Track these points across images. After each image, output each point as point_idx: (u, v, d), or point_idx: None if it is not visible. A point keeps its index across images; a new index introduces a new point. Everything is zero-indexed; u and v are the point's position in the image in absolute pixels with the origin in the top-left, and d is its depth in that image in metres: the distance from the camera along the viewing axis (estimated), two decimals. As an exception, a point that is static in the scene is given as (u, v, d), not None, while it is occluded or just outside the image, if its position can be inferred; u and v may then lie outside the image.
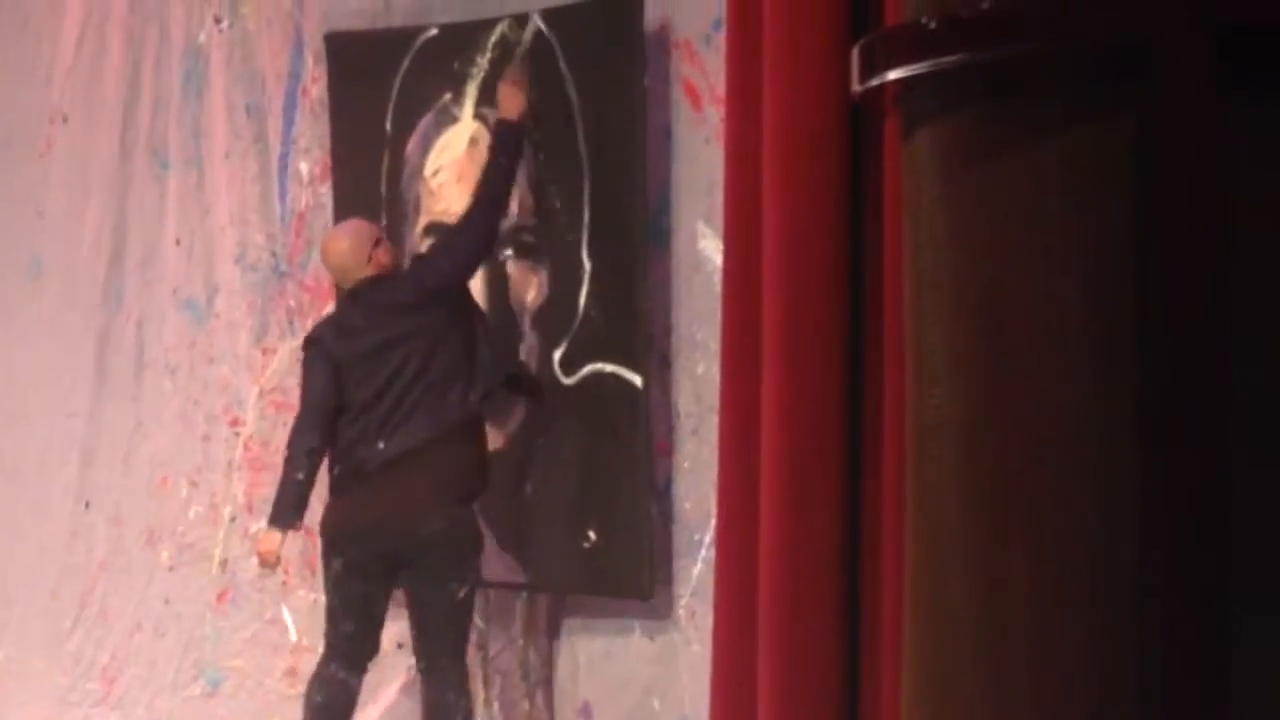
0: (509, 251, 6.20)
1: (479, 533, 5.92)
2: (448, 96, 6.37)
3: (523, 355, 6.19)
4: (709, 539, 5.65)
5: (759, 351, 3.30)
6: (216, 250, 7.29)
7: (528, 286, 6.19)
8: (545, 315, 6.15)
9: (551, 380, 6.09)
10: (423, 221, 6.46)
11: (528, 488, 6.17)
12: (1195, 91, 2.16)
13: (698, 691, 5.50)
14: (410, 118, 6.49)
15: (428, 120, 6.45)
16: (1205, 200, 2.17)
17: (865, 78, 2.52)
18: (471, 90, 6.31)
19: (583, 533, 5.99)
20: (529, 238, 6.13)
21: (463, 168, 6.33)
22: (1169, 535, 2.17)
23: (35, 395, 7.81)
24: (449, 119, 6.39)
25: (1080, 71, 2.25)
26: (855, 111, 3.10)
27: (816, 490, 3.17)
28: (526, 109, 5.97)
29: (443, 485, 5.82)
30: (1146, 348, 2.18)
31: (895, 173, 2.81)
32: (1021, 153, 2.27)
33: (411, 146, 6.49)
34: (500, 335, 6.13)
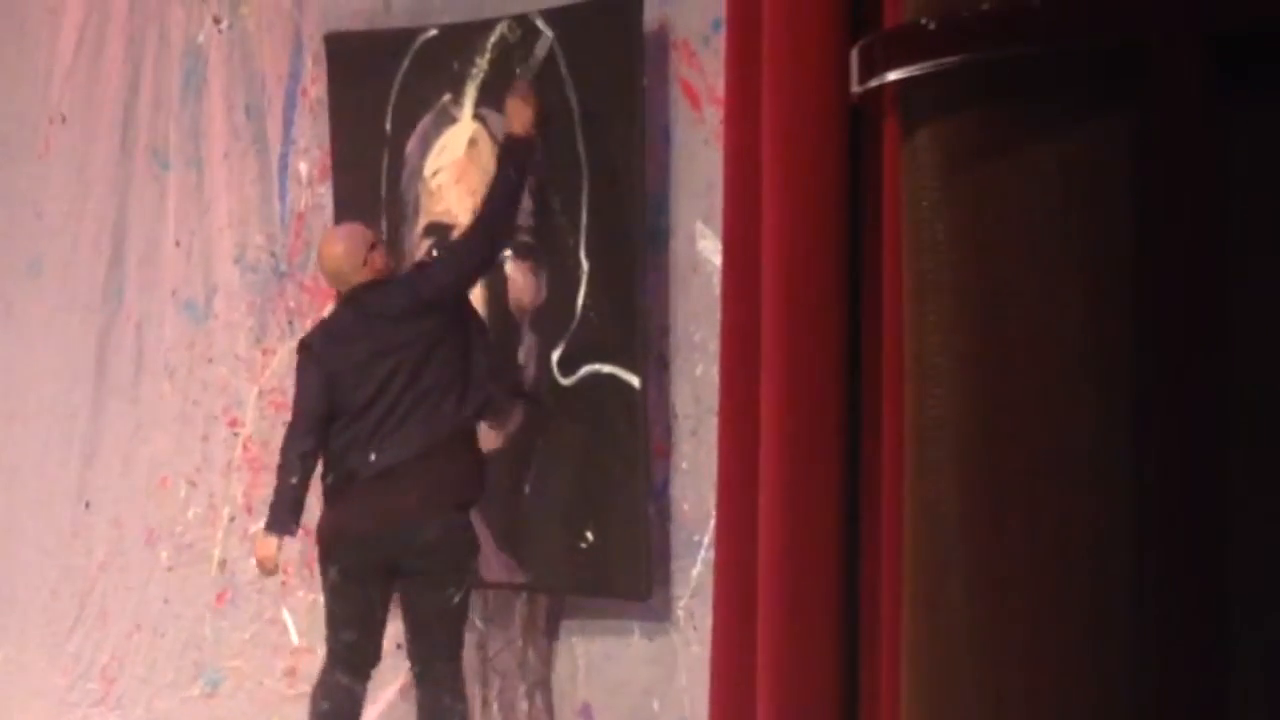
0: (507, 252, 6.20)
1: (474, 537, 5.91)
2: (447, 97, 6.37)
3: (521, 356, 6.19)
4: (708, 540, 5.65)
5: (758, 353, 3.30)
6: (216, 251, 7.29)
7: (526, 287, 6.19)
8: (543, 316, 6.14)
9: (550, 381, 6.09)
10: (422, 222, 6.46)
11: (526, 488, 6.17)
12: (1194, 91, 2.16)
13: (697, 692, 5.51)
14: (410, 118, 6.48)
15: (427, 121, 6.44)
16: (1204, 200, 2.17)
17: (865, 78, 2.52)
18: (471, 91, 6.31)
19: (580, 533, 6.00)
20: (527, 238, 6.13)
21: (462, 168, 6.34)
22: (1167, 535, 2.17)
23: (35, 395, 7.80)
24: (448, 120, 6.39)
25: (1080, 72, 2.25)
26: (855, 112, 3.10)
27: (816, 491, 3.18)
28: (534, 124, 5.95)
29: (436, 495, 5.80)
30: (1145, 348, 2.19)
31: (895, 174, 2.81)
32: (1021, 153, 2.27)
33: (411, 147, 6.49)
34: (500, 339, 6.13)
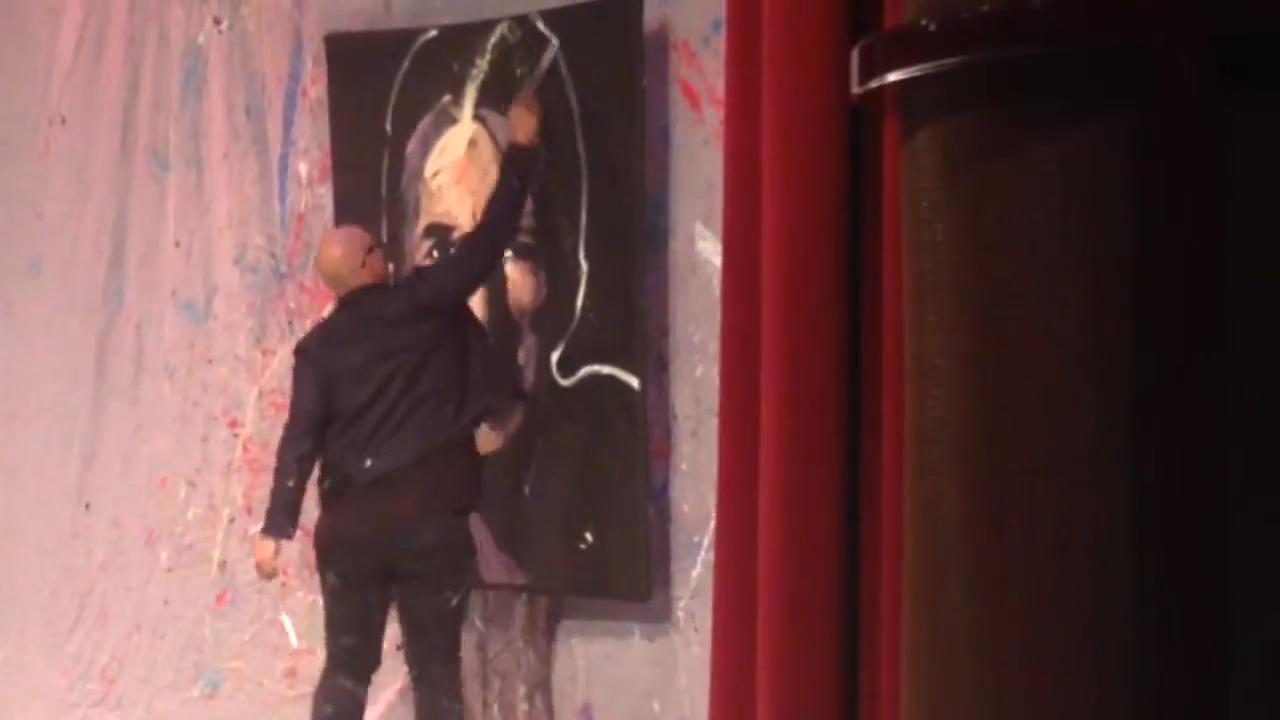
0: (507, 253, 6.20)
1: (471, 540, 5.89)
2: (447, 98, 6.37)
3: (521, 357, 6.19)
4: (708, 541, 5.65)
5: (758, 353, 3.30)
6: (216, 251, 7.29)
7: (526, 288, 6.19)
8: (543, 317, 6.14)
9: (549, 382, 6.09)
10: (423, 223, 6.46)
11: (525, 489, 6.17)
12: (1194, 92, 2.16)
13: (697, 693, 5.51)
14: (410, 119, 6.49)
15: (427, 122, 6.45)
16: (1204, 200, 2.17)
17: (865, 79, 2.52)
18: (471, 92, 6.31)
19: (580, 534, 6.00)
20: (527, 239, 6.13)
21: (462, 169, 6.34)
22: (1168, 535, 2.17)
23: (35, 395, 7.81)
24: (448, 120, 6.39)
25: (1079, 73, 2.25)
26: (855, 113, 3.11)
27: (816, 491, 3.18)
28: (539, 133, 5.94)
29: (433, 500, 5.78)
30: (1145, 348, 2.19)
31: (895, 174, 2.81)
32: (1021, 154, 2.27)
33: (411, 148, 6.50)
34: (499, 340, 6.13)
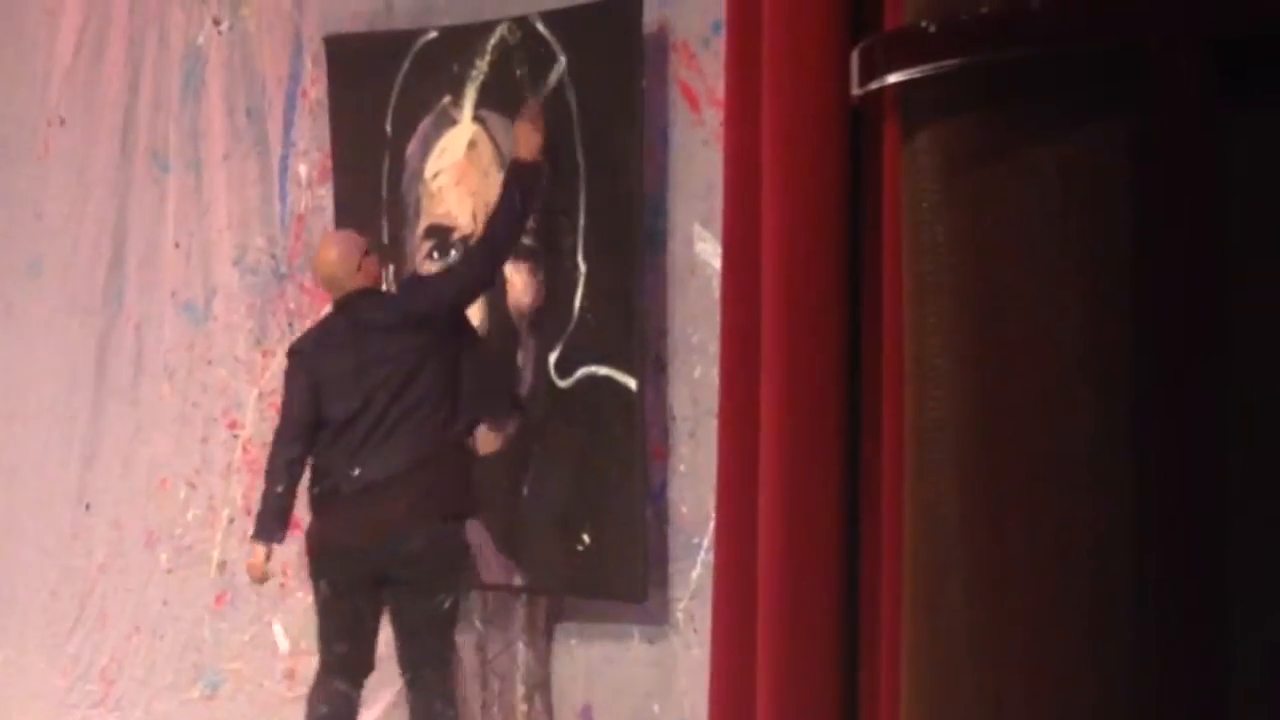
0: (507, 254, 6.20)
1: (463, 545, 5.88)
2: (447, 99, 6.38)
3: (519, 358, 6.19)
4: (707, 542, 5.65)
5: (758, 354, 3.30)
6: (215, 252, 7.29)
7: (524, 289, 6.19)
8: (541, 318, 6.15)
9: (547, 383, 6.09)
10: (423, 224, 6.46)
11: (524, 490, 6.18)
12: (1193, 94, 2.16)
13: (697, 695, 5.51)
14: (410, 120, 6.49)
15: (427, 123, 6.45)
16: (1203, 203, 2.17)
17: (865, 81, 2.52)
18: (471, 93, 6.31)
19: (577, 535, 6.00)
20: (526, 240, 6.13)
21: (462, 171, 6.34)
22: (1167, 537, 2.18)
23: (35, 396, 7.81)
24: (448, 122, 6.39)
25: (1079, 75, 2.25)
26: (855, 114, 3.11)
27: (816, 492, 3.18)
28: (543, 150, 5.91)
29: (423, 505, 5.75)
30: (1145, 350, 2.19)
31: (894, 176, 2.81)
32: (1021, 156, 2.28)
33: (411, 149, 6.50)
34: (498, 341, 6.13)
